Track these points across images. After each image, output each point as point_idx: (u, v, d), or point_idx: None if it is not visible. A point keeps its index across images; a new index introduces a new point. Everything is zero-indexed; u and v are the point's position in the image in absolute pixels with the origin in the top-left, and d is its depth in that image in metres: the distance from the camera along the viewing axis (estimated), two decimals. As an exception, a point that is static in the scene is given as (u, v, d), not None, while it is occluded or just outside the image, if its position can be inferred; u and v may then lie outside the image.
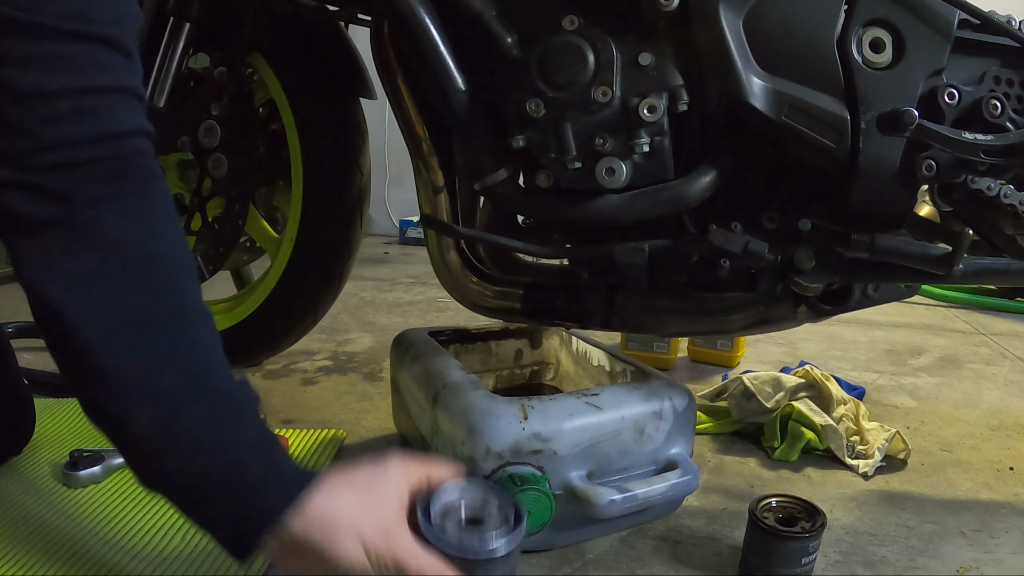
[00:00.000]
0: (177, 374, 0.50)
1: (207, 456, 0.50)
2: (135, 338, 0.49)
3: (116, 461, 0.86)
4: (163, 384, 0.49)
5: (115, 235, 0.49)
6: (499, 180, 0.79)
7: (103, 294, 0.48)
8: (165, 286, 0.51)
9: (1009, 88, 0.73)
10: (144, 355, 0.49)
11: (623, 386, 0.81)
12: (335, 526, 0.50)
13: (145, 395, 0.49)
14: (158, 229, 0.52)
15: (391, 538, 0.51)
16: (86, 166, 0.48)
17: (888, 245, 0.72)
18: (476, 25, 0.75)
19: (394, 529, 0.52)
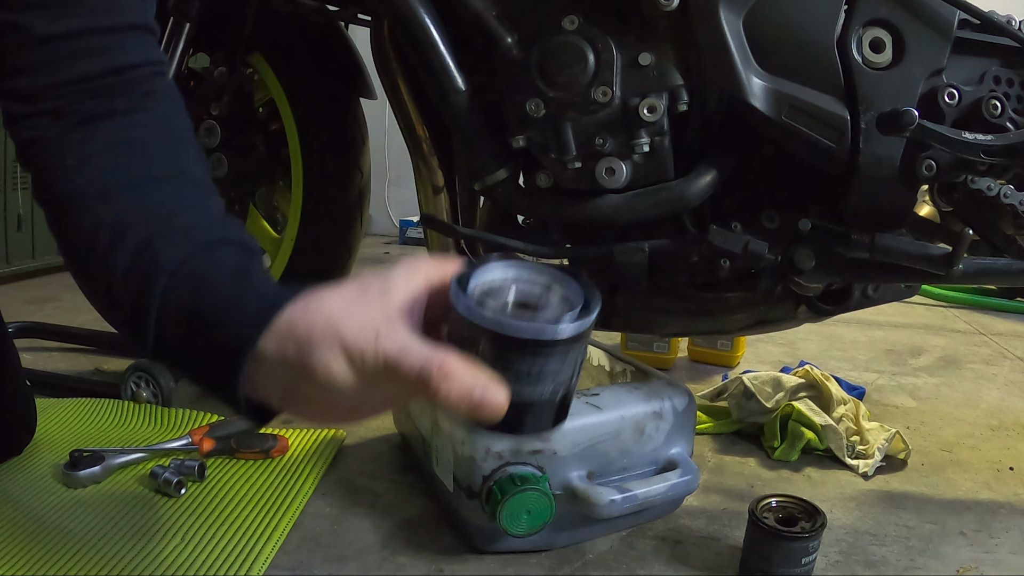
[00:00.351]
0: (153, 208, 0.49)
1: (179, 293, 0.45)
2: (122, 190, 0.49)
3: (116, 461, 0.86)
4: (133, 214, 0.48)
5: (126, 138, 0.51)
6: (499, 180, 0.79)
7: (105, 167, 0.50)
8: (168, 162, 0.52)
9: (1009, 88, 0.73)
10: (124, 199, 0.49)
11: (623, 386, 0.81)
12: (309, 336, 0.40)
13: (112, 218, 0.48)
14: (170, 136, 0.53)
15: (380, 337, 0.39)
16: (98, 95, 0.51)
17: (888, 245, 0.72)
18: (476, 25, 0.75)
19: (385, 327, 0.40)
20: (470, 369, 0.38)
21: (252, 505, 0.80)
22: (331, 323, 0.40)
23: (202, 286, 0.45)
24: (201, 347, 0.44)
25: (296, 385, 0.42)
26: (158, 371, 1.06)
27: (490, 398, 0.38)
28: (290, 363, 0.41)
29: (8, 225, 1.93)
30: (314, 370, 0.40)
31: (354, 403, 0.43)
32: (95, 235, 0.48)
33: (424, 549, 0.75)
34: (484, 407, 0.38)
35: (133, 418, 1.03)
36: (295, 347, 0.40)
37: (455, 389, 0.38)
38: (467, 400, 0.38)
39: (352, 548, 0.75)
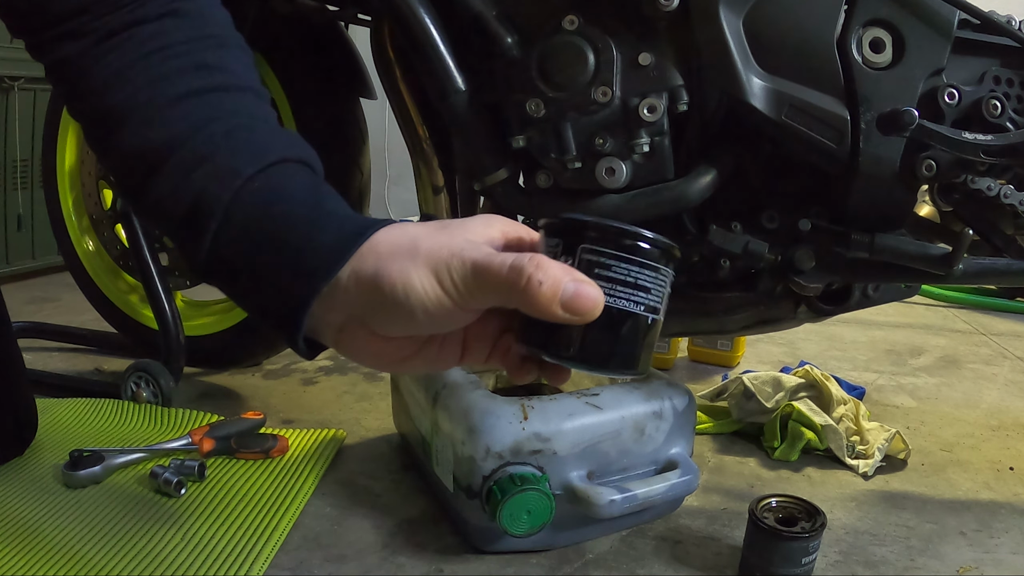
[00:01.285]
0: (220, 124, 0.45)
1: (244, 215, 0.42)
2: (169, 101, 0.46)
3: (116, 461, 0.86)
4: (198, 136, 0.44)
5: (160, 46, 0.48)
6: (499, 180, 0.79)
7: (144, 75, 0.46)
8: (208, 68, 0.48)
9: (1009, 88, 0.73)
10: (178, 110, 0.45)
11: (623, 386, 0.81)
12: (391, 253, 0.38)
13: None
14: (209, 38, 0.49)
15: (465, 251, 0.37)
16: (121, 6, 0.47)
17: (888, 245, 0.72)
18: (476, 25, 0.75)
19: (468, 246, 0.38)
20: (561, 265, 0.36)
21: (252, 505, 0.80)
22: (413, 241, 0.38)
23: (273, 205, 0.42)
24: (268, 271, 0.41)
25: (361, 312, 0.40)
26: (158, 371, 1.06)
27: (585, 290, 0.36)
28: (365, 281, 0.38)
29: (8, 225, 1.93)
30: (393, 283, 0.37)
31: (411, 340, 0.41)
32: (143, 151, 0.45)
33: (424, 549, 0.75)
34: (579, 299, 0.36)
35: (133, 418, 1.03)
36: (374, 263, 0.38)
37: (549, 279, 0.35)
38: (561, 292, 0.35)
39: (352, 548, 0.75)
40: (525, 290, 0.35)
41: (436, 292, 0.37)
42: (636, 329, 0.39)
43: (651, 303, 0.39)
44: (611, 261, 0.38)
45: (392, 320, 0.39)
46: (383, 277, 0.38)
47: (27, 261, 1.99)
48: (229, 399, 1.16)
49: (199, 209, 0.43)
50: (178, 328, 1.11)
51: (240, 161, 0.43)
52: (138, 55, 0.47)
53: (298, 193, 0.43)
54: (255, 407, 1.11)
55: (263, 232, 0.42)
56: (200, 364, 1.28)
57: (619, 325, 0.39)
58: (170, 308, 1.11)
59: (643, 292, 0.39)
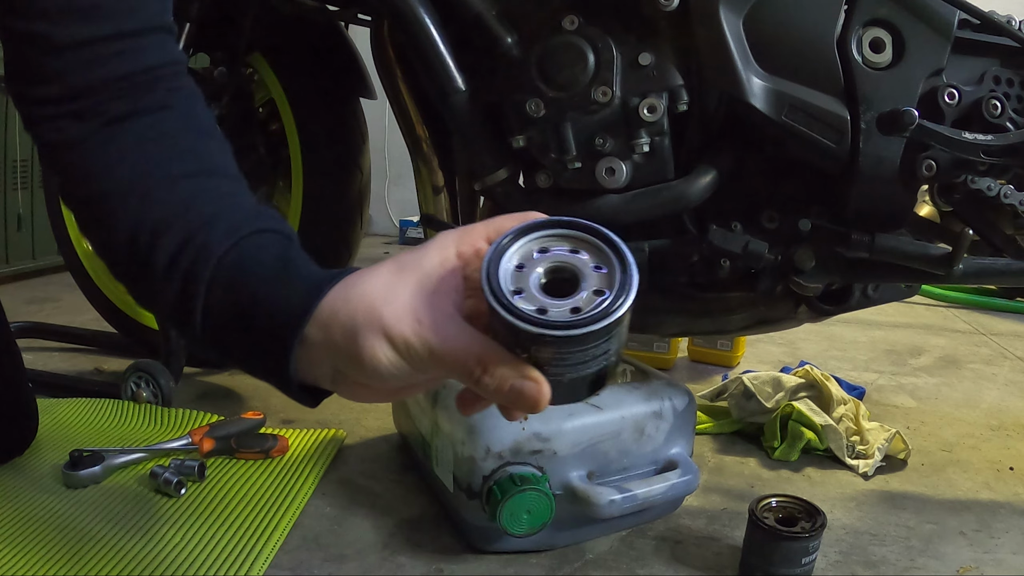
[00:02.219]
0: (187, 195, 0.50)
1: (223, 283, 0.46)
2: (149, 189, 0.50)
3: (116, 461, 0.86)
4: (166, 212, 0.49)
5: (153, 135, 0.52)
6: (499, 180, 0.79)
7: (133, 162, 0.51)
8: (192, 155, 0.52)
9: (1009, 88, 0.73)
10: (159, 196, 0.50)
11: (623, 386, 0.81)
12: (353, 323, 0.40)
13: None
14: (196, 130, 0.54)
15: (422, 326, 0.39)
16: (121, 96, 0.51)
17: (888, 245, 0.72)
18: (476, 25, 0.75)
19: (425, 313, 0.39)
20: (509, 362, 0.38)
21: (252, 505, 0.80)
22: (372, 310, 0.40)
23: (246, 275, 0.46)
24: (249, 335, 0.45)
25: (345, 369, 0.42)
26: (158, 371, 1.06)
27: (528, 390, 0.38)
28: (338, 349, 0.41)
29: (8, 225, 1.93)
30: (361, 358, 0.40)
31: (402, 384, 0.43)
32: (135, 234, 0.48)
33: (424, 549, 0.75)
34: (522, 398, 0.38)
35: (133, 418, 1.03)
36: (341, 334, 0.41)
37: (495, 381, 0.38)
38: (507, 388, 0.38)
39: (352, 548, 0.75)
40: (476, 384, 0.39)
41: (400, 363, 0.40)
42: (598, 377, 0.41)
43: (611, 355, 0.39)
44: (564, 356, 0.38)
45: (371, 381, 0.42)
46: (352, 350, 0.40)
47: (27, 261, 1.99)
48: (229, 399, 1.16)
49: (186, 292, 0.47)
50: (178, 328, 1.11)
51: (216, 240, 0.47)
52: (138, 144, 0.51)
53: (267, 259, 0.47)
54: (255, 407, 1.11)
55: (239, 300, 0.45)
56: (200, 364, 1.28)
57: (583, 382, 0.40)
58: (170, 308, 1.11)
59: (602, 356, 0.39)
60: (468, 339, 0.39)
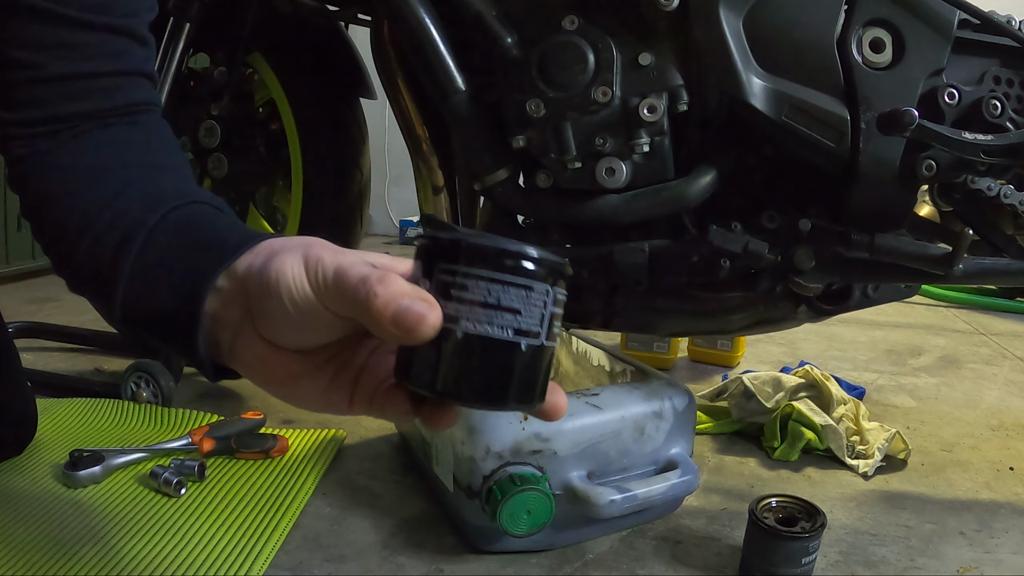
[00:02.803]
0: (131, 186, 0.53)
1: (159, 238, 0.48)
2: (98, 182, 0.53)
3: (116, 461, 0.86)
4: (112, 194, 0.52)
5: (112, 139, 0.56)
6: (499, 180, 0.79)
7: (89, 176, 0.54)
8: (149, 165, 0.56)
9: (1009, 88, 0.73)
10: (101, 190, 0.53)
11: (623, 386, 0.81)
12: (283, 247, 0.40)
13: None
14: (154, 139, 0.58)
15: (343, 255, 0.39)
16: (96, 121, 0.56)
17: (888, 245, 0.72)
18: (476, 25, 0.75)
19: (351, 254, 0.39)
20: (410, 284, 0.35)
21: (252, 505, 0.80)
22: (305, 240, 0.41)
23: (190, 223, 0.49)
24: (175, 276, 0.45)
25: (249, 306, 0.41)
26: (158, 371, 1.06)
27: (416, 307, 0.34)
28: (253, 272, 0.41)
29: (8, 225, 1.93)
30: (270, 269, 0.39)
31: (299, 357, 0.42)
32: (85, 211, 0.51)
33: (424, 549, 0.75)
34: (405, 314, 0.34)
35: (133, 418, 1.03)
36: (266, 257, 0.41)
37: (386, 293, 0.34)
38: (394, 305, 0.34)
39: (352, 548, 0.75)
40: (365, 302, 0.35)
41: (303, 283, 0.38)
42: (500, 356, 0.35)
43: (521, 326, 0.34)
44: (465, 280, 0.34)
45: (269, 312, 0.40)
46: (266, 266, 0.40)
47: (27, 261, 1.98)
48: (229, 399, 1.16)
49: (128, 236, 0.48)
50: (178, 328, 1.11)
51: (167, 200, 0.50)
52: (93, 146, 0.56)
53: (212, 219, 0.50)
54: (255, 407, 1.11)
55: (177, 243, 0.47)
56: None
57: (478, 352, 0.34)
58: (170, 308, 1.11)
59: (509, 314, 0.34)
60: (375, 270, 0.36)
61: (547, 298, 0.35)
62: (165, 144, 0.59)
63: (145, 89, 0.59)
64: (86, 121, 0.55)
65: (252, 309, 0.41)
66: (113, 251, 0.48)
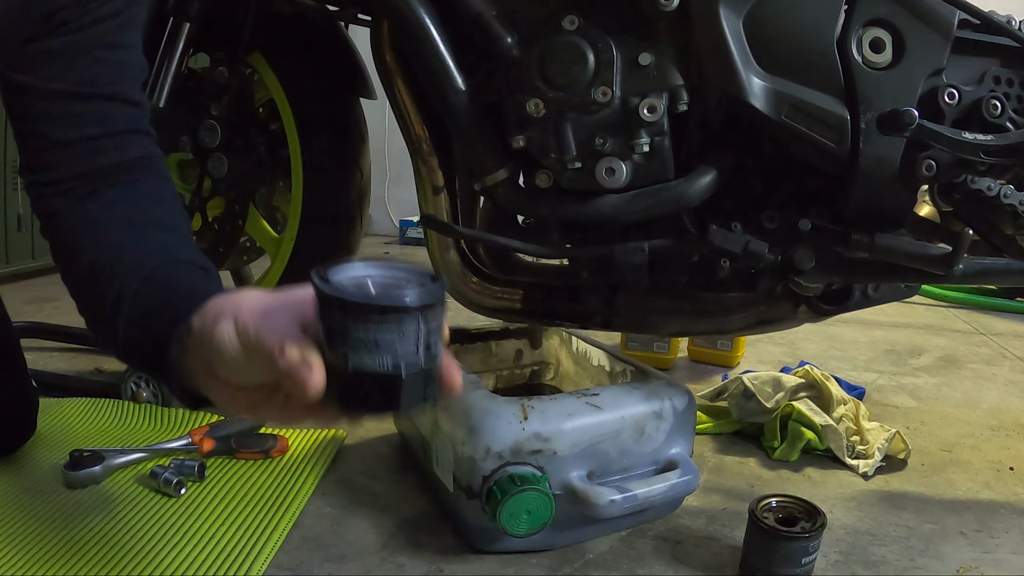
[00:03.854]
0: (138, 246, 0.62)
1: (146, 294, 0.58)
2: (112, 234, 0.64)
3: (116, 461, 0.86)
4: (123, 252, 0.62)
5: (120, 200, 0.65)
6: (499, 180, 0.79)
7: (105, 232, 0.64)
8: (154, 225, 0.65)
9: (1009, 88, 0.73)
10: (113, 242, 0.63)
11: (623, 386, 0.81)
12: (221, 310, 0.49)
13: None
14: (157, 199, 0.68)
15: (264, 316, 0.46)
16: (103, 178, 0.65)
17: (888, 245, 0.72)
18: (476, 25, 0.75)
19: (274, 312, 0.47)
20: (301, 349, 0.43)
21: (252, 505, 0.80)
22: (237, 304, 0.48)
23: (162, 286, 0.58)
24: (150, 333, 0.55)
25: (206, 359, 0.49)
26: (158, 371, 1.06)
27: (302, 373, 0.42)
28: (202, 332, 0.49)
29: (8, 225, 1.93)
30: (213, 335, 0.47)
31: (257, 391, 0.49)
32: (92, 268, 0.62)
33: (424, 549, 0.75)
34: (295, 379, 0.42)
35: (133, 418, 1.03)
36: (212, 319, 0.49)
37: (284, 363, 0.43)
38: (290, 374, 0.42)
39: (352, 548, 0.75)
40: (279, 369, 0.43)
41: (236, 346, 0.46)
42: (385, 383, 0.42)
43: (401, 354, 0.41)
44: (345, 327, 0.41)
45: (221, 364, 0.48)
46: (213, 329, 0.48)
47: (27, 261, 1.98)
48: (229, 399, 1.16)
49: (119, 299, 0.59)
50: (178, 328, 1.11)
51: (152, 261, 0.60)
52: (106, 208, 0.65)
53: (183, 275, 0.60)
54: (255, 407, 1.11)
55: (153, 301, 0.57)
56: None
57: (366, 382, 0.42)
58: (170, 308, 1.11)
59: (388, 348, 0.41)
60: (283, 331, 0.45)
61: (419, 327, 0.42)
62: (161, 199, 0.68)
63: (141, 144, 0.68)
64: (94, 179, 0.64)
65: (208, 362, 0.49)
66: (111, 310, 0.59)
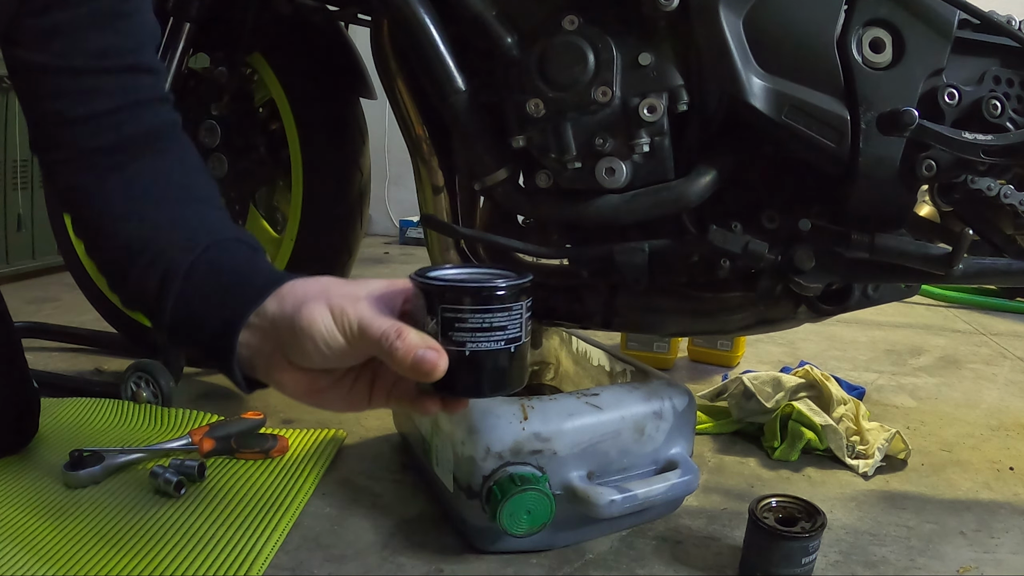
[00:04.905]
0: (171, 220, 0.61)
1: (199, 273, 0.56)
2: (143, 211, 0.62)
3: (116, 461, 0.86)
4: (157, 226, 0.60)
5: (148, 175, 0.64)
6: (499, 180, 0.79)
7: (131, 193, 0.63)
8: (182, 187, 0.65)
9: (1009, 88, 0.73)
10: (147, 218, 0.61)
11: (623, 386, 0.81)
12: (305, 296, 0.50)
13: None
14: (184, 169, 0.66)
15: (359, 303, 0.49)
16: (124, 150, 0.64)
17: (888, 245, 0.72)
18: (476, 25, 0.75)
19: (364, 299, 0.49)
20: (421, 335, 0.47)
21: (252, 505, 0.80)
22: (324, 288, 0.50)
23: (219, 266, 0.56)
24: (212, 310, 0.54)
25: (282, 343, 0.50)
26: (158, 371, 1.06)
27: (428, 356, 0.46)
28: (285, 317, 0.49)
29: (8, 225, 1.93)
30: (302, 318, 0.48)
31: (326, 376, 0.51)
32: (128, 245, 0.59)
33: (424, 549, 0.75)
34: (421, 363, 0.45)
35: (133, 418, 1.03)
36: (292, 302, 0.50)
37: (404, 346, 0.46)
38: (412, 356, 0.45)
39: (352, 548, 0.75)
40: (387, 352, 0.46)
41: (332, 330, 0.48)
42: (500, 360, 0.48)
43: (510, 336, 0.48)
44: (466, 315, 0.47)
45: (304, 350, 0.49)
46: (297, 314, 0.49)
47: (27, 261, 1.99)
48: (229, 399, 1.16)
49: (168, 275, 0.56)
50: (178, 328, 1.11)
51: (199, 239, 0.58)
52: (136, 181, 0.63)
53: (238, 257, 0.58)
54: (255, 407, 1.11)
55: (211, 283, 0.55)
56: (200, 364, 1.28)
57: (483, 362, 0.48)
58: (170, 308, 1.11)
59: (500, 331, 0.47)
60: (391, 318, 0.48)
61: (523, 309, 0.48)
62: (191, 168, 0.67)
63: (162, 112, 0.67)
64: (119, 152, 0.63)
65: (284, 346, 0.50)
66: (156, 288, 0.57)
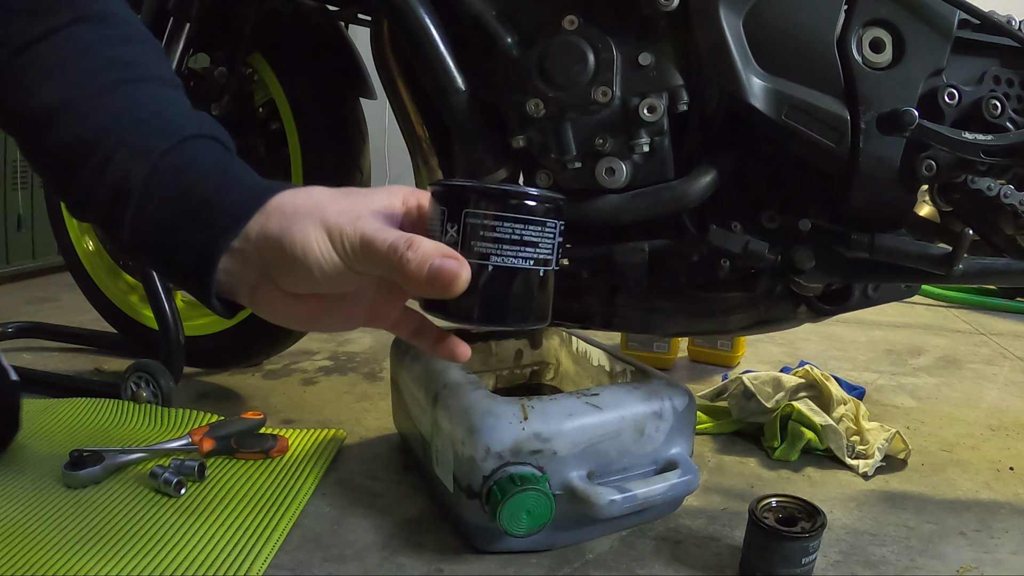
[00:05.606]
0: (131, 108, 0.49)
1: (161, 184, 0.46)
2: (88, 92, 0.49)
3: (116, 461, 0.86)
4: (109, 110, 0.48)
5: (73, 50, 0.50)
6: (499, 180, 0.79)
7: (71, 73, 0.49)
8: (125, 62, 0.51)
9: (1009, 88, 0.73)
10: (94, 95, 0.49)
11: (623, 386, 0.81)
12: (295, 212, 0.42)
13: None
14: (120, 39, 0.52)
15: (360, 219, 0.42)
16: (28, 20, 0.50)
17: (888, 245, 0.72)
18: (476, 25, 0.75)
19: (365, 214, 0.42)
20: (437, 244, 0.40)
21: (252, 505, 0.80)
22: (317, 204, 0.42)
23: (186, 177, 0.46)
24: (182, 233, 0.45)
25: (269, 269, 0.43)
26: (158, 371, 1.06)
27: (448, 265, 0.39)
28: (270, 239, 0.42)
29: (8, 225, 1.93)
30: (293, 241, 0.41)
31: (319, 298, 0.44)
32: (70, 151, 0.47)
33: (424, 549, 0.75)
34: (444, 271, 0.39)
35: (133, 418, 1.03)
36: (279, 222, 0.42)
37: (417, 258, 0.39)
38: (428, 267, 0.39)
39: (352, 548, 0.75)
40: (398, 266, 0.39)
41: (330, 253, 0.41)
42: (528, 283, 0.42)
43: (540, 256, 0.42)
44: (494, 222, 0.40)
45: (295, 277, 0.42)
46: (286, 236, 0.41)
47: (27, 261, 1.99)
48: (229, 399, 1.16)
49: (120, 189, 0.46)
50: (178, 328, 1.11)
51: (155, 141, 0.46)
52: (56, 61, 0.49)
53: (208, 163, 0.47)
54: (255, 407, 1.11)
55: (176, 199, 0.45)
56: (200, 364, 1.28)
57: (510, 281, 0.41)
58: (170, 308, 1.11)
59: (530, 247, 0.41)
60: (398, 230, 0.41)
61: (556, 231, 0.42)
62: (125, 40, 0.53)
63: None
64: (17, 21, 0.49)
65: (270, 270, 0.43)
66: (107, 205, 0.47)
